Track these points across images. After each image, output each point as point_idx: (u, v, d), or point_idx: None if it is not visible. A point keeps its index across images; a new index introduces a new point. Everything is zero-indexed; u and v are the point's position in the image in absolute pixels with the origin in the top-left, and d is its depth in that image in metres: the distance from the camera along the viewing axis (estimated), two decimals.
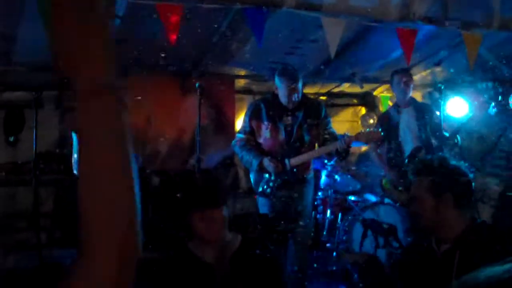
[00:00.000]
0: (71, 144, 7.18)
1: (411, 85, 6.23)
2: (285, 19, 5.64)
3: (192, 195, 3.08)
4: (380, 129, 5.55)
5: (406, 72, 6.21)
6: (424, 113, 6.18)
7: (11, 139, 5.16)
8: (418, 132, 6.08)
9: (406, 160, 5.94)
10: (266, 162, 5.23)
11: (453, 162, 3.00)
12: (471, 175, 2.99)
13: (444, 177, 2.90)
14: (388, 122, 6.26)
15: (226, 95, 7.63)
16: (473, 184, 2.99)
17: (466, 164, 3.05)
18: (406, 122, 6.14)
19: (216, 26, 5.96)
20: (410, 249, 3.40)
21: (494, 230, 2.98)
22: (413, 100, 6.31)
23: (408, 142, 6.11)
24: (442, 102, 6.05)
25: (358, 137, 5.43)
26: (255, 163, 5.27)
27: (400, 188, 6.20)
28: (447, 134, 6.11)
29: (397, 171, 6.20)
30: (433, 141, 6.12)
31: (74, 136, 5.34)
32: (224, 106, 7.60)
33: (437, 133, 6.10)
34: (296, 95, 5.23)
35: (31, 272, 5.15)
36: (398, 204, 6.29)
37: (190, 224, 3.00)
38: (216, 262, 3.01)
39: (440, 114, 6.29)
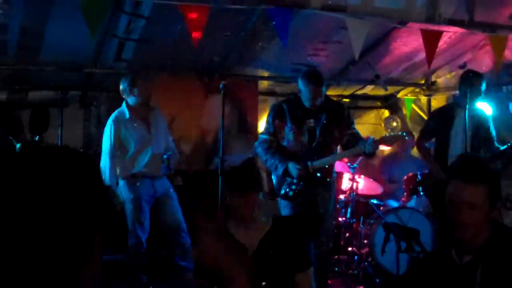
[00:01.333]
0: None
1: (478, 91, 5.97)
2: (309, 20, 5.64)
3: (236, 180, 3.49)
4: (404, 133, 5.47)
5: (480, 76, 5.96)
6: (481, 120, 5.98)
7: (36, 138, 5.19)
8: (470, 137, 5.84)
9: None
10: (291, 166, 5.20)
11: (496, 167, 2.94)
12: None
13: (498, 184, 2.73)
14: (442, 119, 6.11)
15: (249, 96, 7.63)
16: None
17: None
18: (462, 123, 5.92)
19: (240, 27, 5.97)
20: (429, 258, 3.22)
21: None
22: (472, 106, 6.02)
23: (458, 144, 5.92)
24: (467, 106, 5.93)
25: (383, 141, 5.39)
26: (280, 167, 5.24)
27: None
28: (501, 148, 5.93)
29: (443, 171, 6.03)
30: (483, 150, 5.94)
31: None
32: (247, 107, 7.60)
33: (489, 144, 5.94)
34: (319, 99, 5.18)
35: None
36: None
37: (230, 206, 3.49)
38: (248, 241, 3.41)
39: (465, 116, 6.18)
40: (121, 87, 5.64)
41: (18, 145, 5.08)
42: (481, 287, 2.61)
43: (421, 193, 6.69)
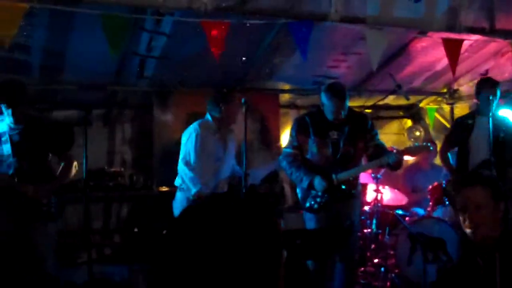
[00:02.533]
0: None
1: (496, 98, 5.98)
2: (329, 32, 5.66)
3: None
4: (429, 144, 5.44)
5: (496, 85, 5.98)
6: (501, 127, 5.97)
7: (53, 156, 5.25)
8: (491, 144, 5.84)
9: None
10: (317, 181, 5.18)
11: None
12: None
13: (499, 186, 3.06)
14: (463, 128, 6.12)
15: (270, 110, 7.65)
16: None
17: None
18: (481, 131, 5.93)
19: (260, 41, 6.01)
20: (457, 266, 3.42)
21: None
22: (493, 112, 6.04)
23: (479, 152, 5.91)
24: (490, 113, 5.89)
25: (408, 152, 5.36)
26: (305, 180, 5.23)
27: None
28: None
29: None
30: (506, 155, 5.91)
31: None
32: (269, 120, 7.62)
33: (509, 148, 5.91)
34: (343, 112, 5.17)
35: (81, 287, 5.24)
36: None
37: None
38: None
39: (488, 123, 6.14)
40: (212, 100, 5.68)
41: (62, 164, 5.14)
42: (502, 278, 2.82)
43: (447, 202, 6.65)
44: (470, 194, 2.99)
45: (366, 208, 6.81)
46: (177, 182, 5.65)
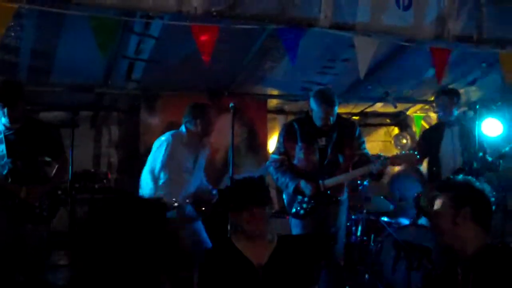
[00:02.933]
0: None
1: (457, 104, 6.09)
2: (318, 38, 5.66)
3: (243, 194, 3.42)
4: (416, 152, 5.46)
5: (452, 92, 6.09)
6: (469, 134, 6.04)
7: (47, 158, 5.23)
8: (461, 152, 5.95)
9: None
10: (303, 184, 5.19)
11: (477, 183, 3.03)
12: (492, 199, 3.03)
13: (465, 192, 2.95)
14: (431, 139, 6.17)
15: (258, 115, 7.64)
16: (493, 207, 3.01)
17: (490, 188, 3.08)
18: (449, 141, 6.02)
19: (249, 45, 6.01)
20: (439, 274, 3.41)
21: None
22: (459, 119, 6.16)
23: (449, 161, 5.98)
24: (476, 122, 5.95)
25: (393, 161, 5.37)
26: (291, 185, 5.23)
27: None
28: (490, 159, 5.97)
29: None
30: (475, 163, 5.98)
31: None
32: (257, 125, 7.61)
33: (480, 157, 5.97)
34: (331, 118, 5.17)
35: None
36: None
37: (236, 221, 3.45)
38: (256, 257, 3.37)
39: (475, 133, 6.20)
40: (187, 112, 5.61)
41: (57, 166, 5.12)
42: None
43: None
44: (433, 203, 3.00)
45: (352, 215, 6.82)
46: (140, 193, 5.51)
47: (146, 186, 5.46)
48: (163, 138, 5.56)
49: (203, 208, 5.75)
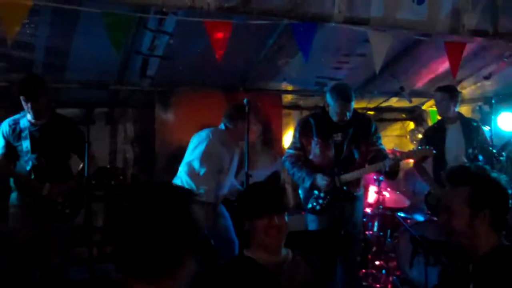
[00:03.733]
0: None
1: (456, 101, 6.07)
2: (333, 33, 5.64)
3: (259, 201, 3.04)
4: (432, 147, 5.42)
5: (448, 88, 6.06)
6: (471, 128, 6.04)
7: (73, 154, 5.27)
8: (465, 148, 5.94)
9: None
10: (320, 177, 5.18)
11: (494, 174, 2.74)
12: (510, 191, 2.73)
13: (485, 189, 2.67)
14: (434, 137, 6.14)
15: (273, 110, 7.63)
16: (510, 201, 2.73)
17: (507, 178, 2.77)
18: (453, 137, 6.01)
19: (263, 41, 6.00)
20: (451, 270, 3.19)
21: None
22: (460, 115, 6.17)
23: (454, 158, 5.97)
24: (492, 116, 5.92)
25: (409, 155, 5.34)
26: (308, 180, 5.23)
27: None
28: (494, 151, 5.95)
29: (442, 187, 6.05)
30: (481, 157, 5.97)
31: None
32: (271, 121, 7.61)
33: (485, 149, 5.94)
34: (348, 113, 5.15)
35: (82, 285, 5.23)
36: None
37: (250, 231, 3.03)
38: (273, 270, 2.98)
39: (490, 128, 6.16)
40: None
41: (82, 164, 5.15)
42: None
43: None
44: (448, 195, 2.76)
45: (368, 210, 6.80)
46: (175, 182, 5.59)
47: (183, 177, 5.54)
48: (203, 134, 5.60)
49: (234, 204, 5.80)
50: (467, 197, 2.65)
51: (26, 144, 4.89)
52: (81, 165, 5.12)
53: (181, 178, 5.55)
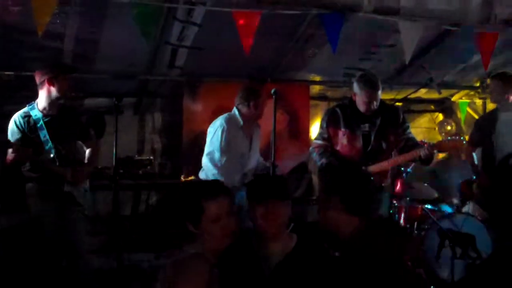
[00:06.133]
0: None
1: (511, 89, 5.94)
2: (362, 23, 5.60)
3: (257, 186, 3.11)
4: (462, 138, 5.34)
5: (503, 76, 5.92)
6: None
7: (79, 142, 5.35)
8: None
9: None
10: None
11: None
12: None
13: (335, 180, 3.04)
14: (484, 127, 6.05)
15: (301, 101, 7.62)
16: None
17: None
18: (507, 125, 5.88)
19: (292, 32, 5.98)
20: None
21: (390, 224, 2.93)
22: None
23: (505, 148, 5.85)
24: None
25: (440, 146, 5.28)
26: None
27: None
28: None
29: (489, 176, 5.97)
30: None
31: None
32: (299, 112, 7.60)
33: None
34: (375, 103, 5.11)
35: (110, 274, 5.29)
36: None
37: (252, 217, 3.05)
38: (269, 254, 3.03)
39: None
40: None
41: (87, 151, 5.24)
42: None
43: None
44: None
45: (395, 202, 6.75)
46: (202, 175, 5.62)
47: (208, 170, 5.52)
48: (217, 122, 5.59)
49: None
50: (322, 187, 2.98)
51: (44, 134, 4.94)
52: (88, 151, 5.23)
53: (205, 170, 5.57)
